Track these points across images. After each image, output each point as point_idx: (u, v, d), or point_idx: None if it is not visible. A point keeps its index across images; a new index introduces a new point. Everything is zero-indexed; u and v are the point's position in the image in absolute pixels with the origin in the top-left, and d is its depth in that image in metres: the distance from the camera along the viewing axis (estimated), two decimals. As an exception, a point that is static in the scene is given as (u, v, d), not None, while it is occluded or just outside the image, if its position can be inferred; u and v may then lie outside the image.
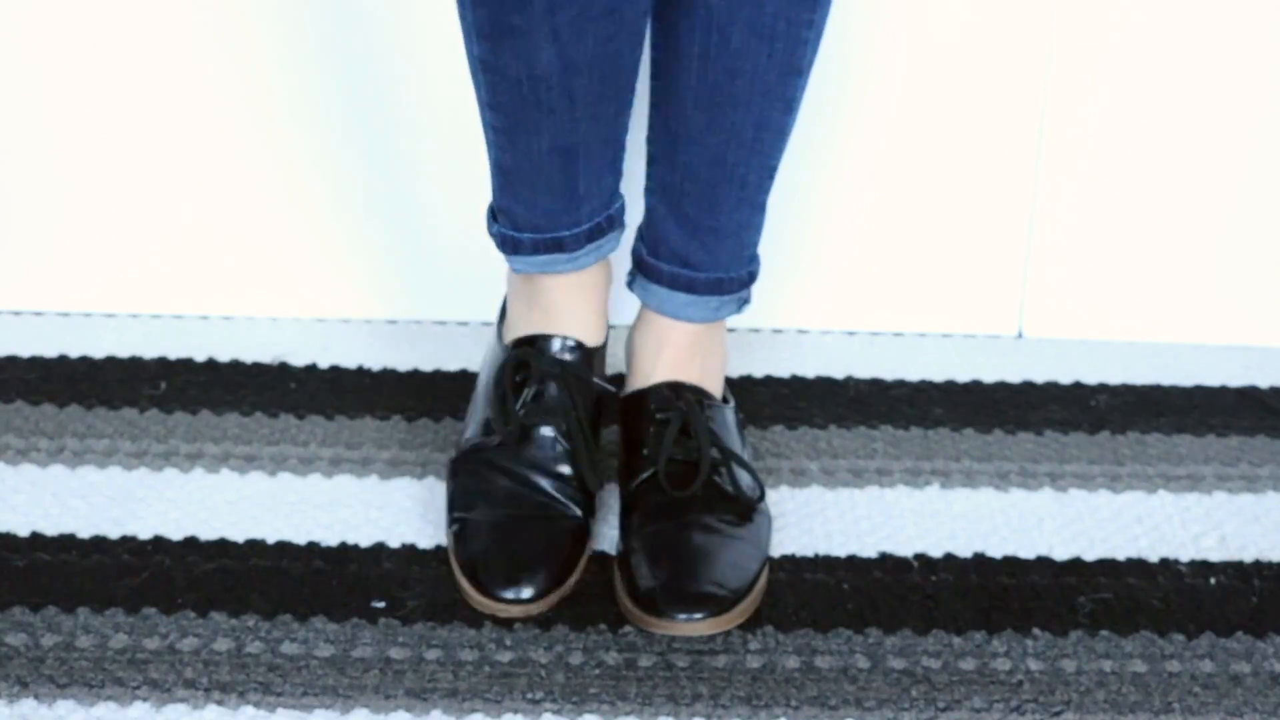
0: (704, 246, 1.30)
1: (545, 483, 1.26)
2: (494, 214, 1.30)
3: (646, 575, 1.19)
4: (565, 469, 1.27)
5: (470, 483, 1.27)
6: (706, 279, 1.31)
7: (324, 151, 1.59)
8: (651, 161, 1.30)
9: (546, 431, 1.28)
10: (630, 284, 1.36)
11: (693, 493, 1.24)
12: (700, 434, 1.27)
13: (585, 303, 1.31)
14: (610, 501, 1.33)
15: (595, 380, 1.31)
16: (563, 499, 1.25)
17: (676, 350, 1.32)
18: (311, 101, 1.57)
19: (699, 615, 1.17)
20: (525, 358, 1.29)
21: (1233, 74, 1.57)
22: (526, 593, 1.19)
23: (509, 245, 1.28)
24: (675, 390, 1.30)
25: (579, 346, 1.30)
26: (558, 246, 1.27)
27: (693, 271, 1.31)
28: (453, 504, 1.27)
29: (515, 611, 1.19)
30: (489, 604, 1.20)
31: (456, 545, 1.23)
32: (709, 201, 1.27)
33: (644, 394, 1.31)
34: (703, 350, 1.33)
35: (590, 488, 1.27)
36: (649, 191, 1.31)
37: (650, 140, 1.29)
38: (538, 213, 1.26)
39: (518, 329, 1.32)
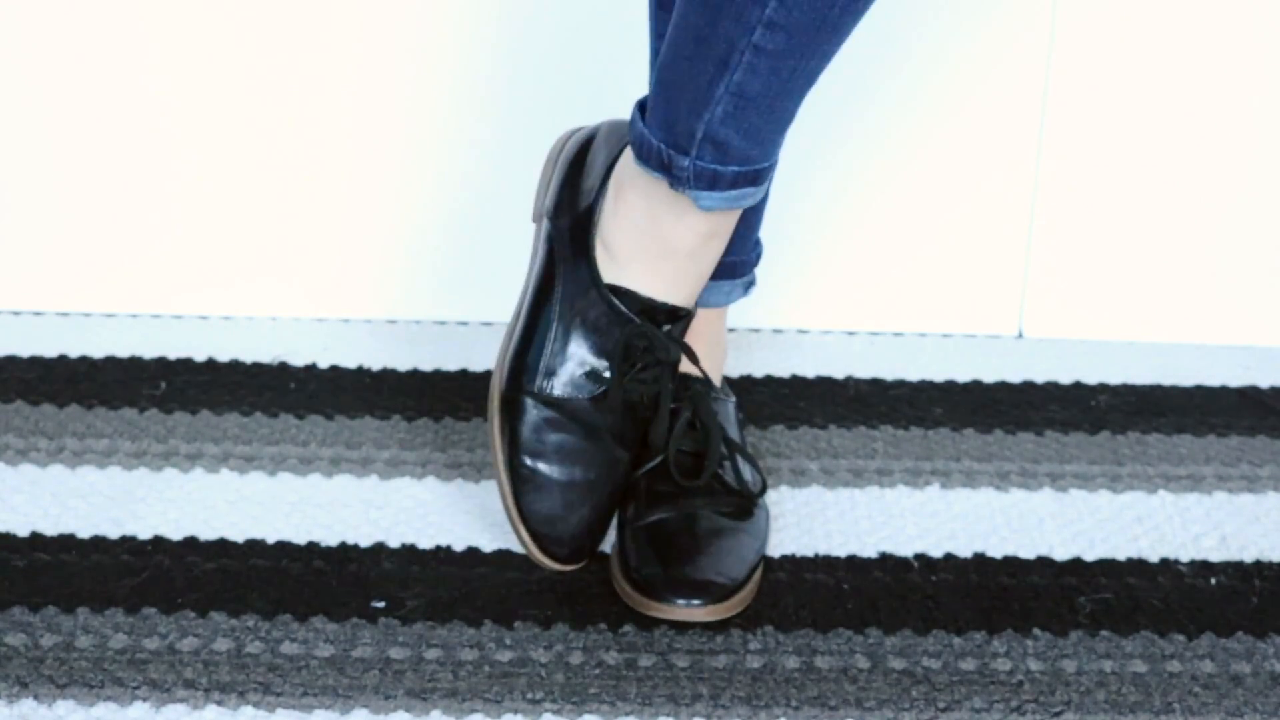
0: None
1: (619, 450, 1.25)
2: (682, 149, 1.17)
3: (648, 560, 1.20)
4: (630, 440, 1.26)
5: (547, 431, 1.25)
6: (720, 263, 1.29)
7: (324, 152, 1.59)
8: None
9: (638, 411, 1.26)
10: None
11: (699, 483, 1.25)
12: (709, 425, 1.27)
13: (715, 250, 1.24)
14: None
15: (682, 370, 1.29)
16: (624, 467, 1.26)
17: (690, 337, 1.31)
18: (312, 102, 1.57)
19: (698, 602, 1.17)
20: (647, 339, 1.23)
21: (1232, 74, 1.57)
22: (574, 565, 1.24)
23: (705, 180, 1.17)
24: (683, 381, 1.29)
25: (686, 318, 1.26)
26: (753, 179, 1.19)
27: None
28: (521, 447, 1.24)
29: (557, 567, 1.24)
30: (546, 561, 1.23)
31: (523, 494, 1.23)
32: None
33: None
34: (710, 339, 1.34)
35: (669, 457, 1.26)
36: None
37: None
38: (757, 143, 1.17)
39: (639, 277, 1.23)
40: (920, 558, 1.28)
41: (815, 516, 1.33)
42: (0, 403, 1.45)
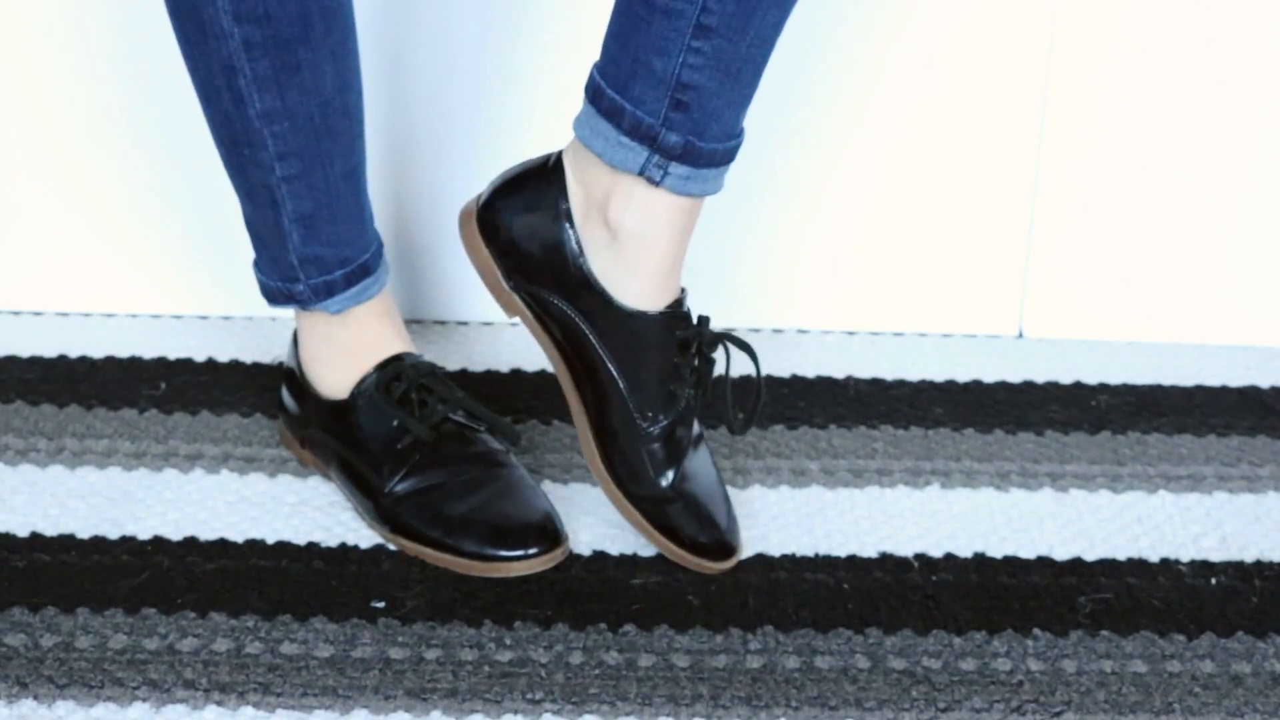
0: (744, 108, 1.20)
1: (494, 465, 1.29)
2: (293, 278, 1.31)
3: (701, 523, 1.26)
4: (491, 444, 1.31)
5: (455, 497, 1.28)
6: (741, 140, 1.22)
7: (324, 151, 1.59)
8: (706, 35, 1.14)
9: (449, 428, 1.30)
10: (660, 180, 1.19)
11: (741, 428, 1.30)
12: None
13: (394, 327, 1.35)
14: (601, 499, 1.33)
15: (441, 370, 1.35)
16: (510, 461, 1.31)
17: (688, 234, 1.23)
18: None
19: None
20: (395, 373, 1.31)
21: (1233, 74, 1.57)
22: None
23: (323, 292, 1.31)
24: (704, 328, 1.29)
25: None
26: (365, 271, 1.33)
27: (737, 139, 1.21)
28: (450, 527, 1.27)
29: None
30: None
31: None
32: (763, 61, 1.18)
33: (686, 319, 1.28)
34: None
35: (514, 441, 1.31)
36: (692, 69, 1.15)
37: (709, 12, 1.13)
38: (343, 245, 1.31)
39: (343, 380, 1.33)
40: (920, 558, 1.28)
41: (815, 516, 1.33)
42: (0, 403, 1.46)
